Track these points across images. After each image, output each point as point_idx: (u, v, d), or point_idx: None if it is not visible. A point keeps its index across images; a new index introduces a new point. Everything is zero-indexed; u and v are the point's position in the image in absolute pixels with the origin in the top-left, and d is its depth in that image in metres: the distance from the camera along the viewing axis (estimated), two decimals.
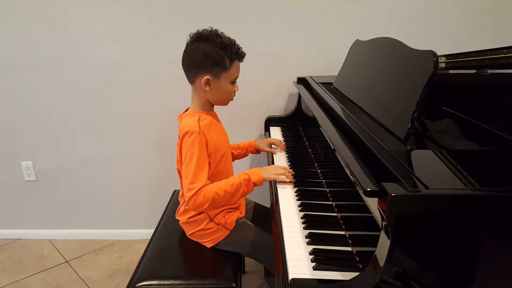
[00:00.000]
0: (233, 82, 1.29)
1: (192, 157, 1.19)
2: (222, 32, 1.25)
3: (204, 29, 1.24)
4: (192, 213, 1.35)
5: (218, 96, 1.30)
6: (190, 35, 1.26)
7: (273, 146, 1.65)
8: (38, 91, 2.05)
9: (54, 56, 1.98)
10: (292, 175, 1.30)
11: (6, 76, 2.03)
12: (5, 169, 2.24)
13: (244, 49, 1.28)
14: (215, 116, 1.39)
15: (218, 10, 1.88)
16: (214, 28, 1.24)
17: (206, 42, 1.21)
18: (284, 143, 1.66)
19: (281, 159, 1.54)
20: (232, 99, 1.34)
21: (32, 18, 1.91)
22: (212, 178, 1.31)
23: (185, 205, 1.35)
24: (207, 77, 1.23)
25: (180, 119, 1.32)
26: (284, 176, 1.27)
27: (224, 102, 1.34)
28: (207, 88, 1.25)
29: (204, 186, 1.19)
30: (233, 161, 1.58)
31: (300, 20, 1.90)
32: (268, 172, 1.27)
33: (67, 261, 2.15)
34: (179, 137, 1.25)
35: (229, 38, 1.25)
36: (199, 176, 1.19)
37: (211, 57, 1.20)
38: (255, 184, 1.24)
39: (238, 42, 1.26)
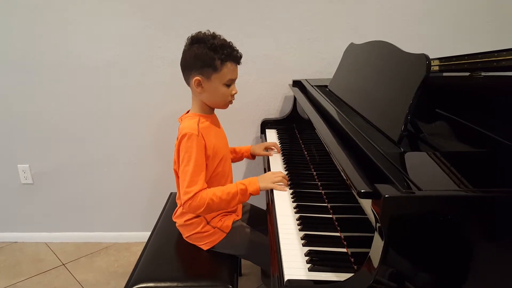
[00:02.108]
0: (228, 85, 1.28)
1: (189, 160, 1.20)
2: (220, 35, 1.26)
3: (200, 31, 1.25)
4: (189, 216, 1.35)
5: (212, 98, 1.30)
6: (187, 38, 1.27)
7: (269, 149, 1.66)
8: (35, 94, 2.05)
9: (51, 59, 1.98)
10: (287, 180, 1.30)
11: (2, 79, 2.03)
12: (1, 172, 2.23)
13: (240, 52, 1.28)
14: (215, 119, 1.40)
15: (214, 13, 1.89)
16: (212, 31, 1.25)
17: (199, 44, 1.22)
18: (279, 145, 1.66)
19: (276, 161, 1.55)
20: (230, 102, 1.34)
21: (30, 20, 1.91)
22: (210, 181, 1.32)
23: (182, 208, 1.35)
24: (197, 78, 1.24)
25: (181, 121, 1.33)
26: (281, 184, 1.27)
27: (220, 105, 1.34)
28: (199, 89, 1.27)
29: (201, 190, 1.19)
30: None
31: (295, 23, 1.91)
32: (265, 182, 1.26)
33: (63, 264, 2.15)
34: (177, 138, 1.26)
35: (224, 40, 1.25)
36: (196, 179, 1.20)
37: (200, 58, 1.21)
38: (251, 194, 1.25)
39: (235, 45, 1.27)
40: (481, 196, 0.69)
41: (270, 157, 1.59)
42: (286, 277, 0.83)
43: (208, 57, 1.21)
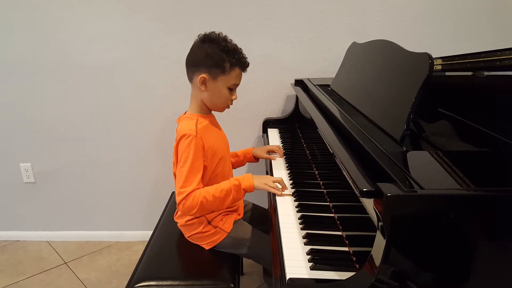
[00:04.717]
0: (232, 89, 1.29)
1: (186, 161, 1.20)
2: (231, 40, 1.27)
3: (213, 32, 1.26)
4: (190, 216, 1.35)
5: (212, 99, 1.30)
6: (199, 35, 1.28)
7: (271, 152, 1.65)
8: (37, 94, 2.06)
9: (53, 59, 1.99)
10: (287, 186, 1.25)
11: (5, 79, 2.04)
12: (4, 171, 2.24)
13: (248, 60, 1.30)
14: (213, 120, 1.40)
15: (216, 13, 1.89)
16: (224, 34, 1.26)
17: (211, 44, 1.23)
18: (282, 148, 1.64)
19: (279, 160, 1.54)
20: (228, 107, 1.34)
21: (31, 21, 1.92)
22: (210, 182, 1.31)
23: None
24: (204, 75, 1.24)
25: (179, 122, 1.33)
26: (274, 189, 1.21)
27: (219, 107, 1.34)
28: (202, 88, 1.26)
29: (194, 190, 1.18)
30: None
31: (297, 22, 1.91)
32: (260, 181, 1.22)
33: (65, 263, 2.16)
34: (176, 140, 1.26)
35: (236, 45, 1.27)
36: (191, 180, 1.19)
37: (212, 57, 1.22)
38: (245, 191, 1.21)
39: (237, 44, 1.28)
40: (483, 195, 0.69)
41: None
42: (288, 276, 0.83)
43: (219, 58, 1.22)
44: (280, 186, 1.23)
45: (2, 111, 2.11)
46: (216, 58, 1.22)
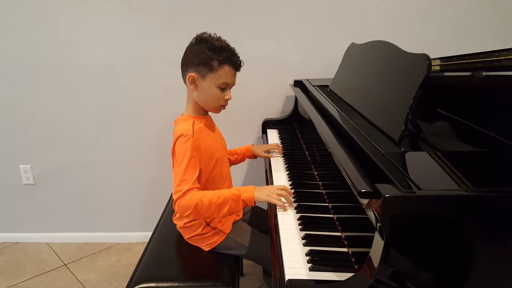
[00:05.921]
0: (223, 89, 1.27)
1: (183, 160, 1.19)
2: (225, 40, 1.26)
3: (206, 32, 1.26)
4: (188, 218, 1.35)
5: (203, 98, 1.29)
6: (193, 37, 1.28)
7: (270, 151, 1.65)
8: (36, 95, 2.06)
9: (53, 60, 1.99)
10: (292, 196, 1.19)
11: (4, 80, 2.04)
12: (3, 172, 2.24)
13: (241, 52, 1.28)
14: (210, 121, 1.40)
15: (215, 14, 1.89)
16: (218, 35, 1.26)
17: (201, 43, 1.23)
18: (281, 146, 1.66)
19: (278, 161, 1.55)
20: (223, 107, 1.33)
21: (31, 21, 1.92)
22: (207, 184, 1.31)
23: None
24: (192, 74, 1.24)
25: (175, 124, 1.33)
26: (279, 200, 1.15)
27: (211, 107, 1.33)
28: (192, 87, 1.27)
29: (191, 189, 1.16)
30: (230, 166, 1.58)
31: (296, 23, 1.91)
32: (262, 193, 1.15)
33: (65, 264, 2.16)
34: (173, 141, 1.25)
35: (227, 44, 1.25)
36: (188, 179, 1.18)
37: (199, 55, 1.22)
38: (244, 202, 1.15)
39: (236, 45, 1.27)
40: (482, 196, 0.69)
41: (271, 158, 1.59)
42: (287, 277, 0.83)
43: (206, 56, 1.21)
44: (284, 200, 1.17)
45: (1, 113, 2.11)
46: (203, 56, 1.21)
